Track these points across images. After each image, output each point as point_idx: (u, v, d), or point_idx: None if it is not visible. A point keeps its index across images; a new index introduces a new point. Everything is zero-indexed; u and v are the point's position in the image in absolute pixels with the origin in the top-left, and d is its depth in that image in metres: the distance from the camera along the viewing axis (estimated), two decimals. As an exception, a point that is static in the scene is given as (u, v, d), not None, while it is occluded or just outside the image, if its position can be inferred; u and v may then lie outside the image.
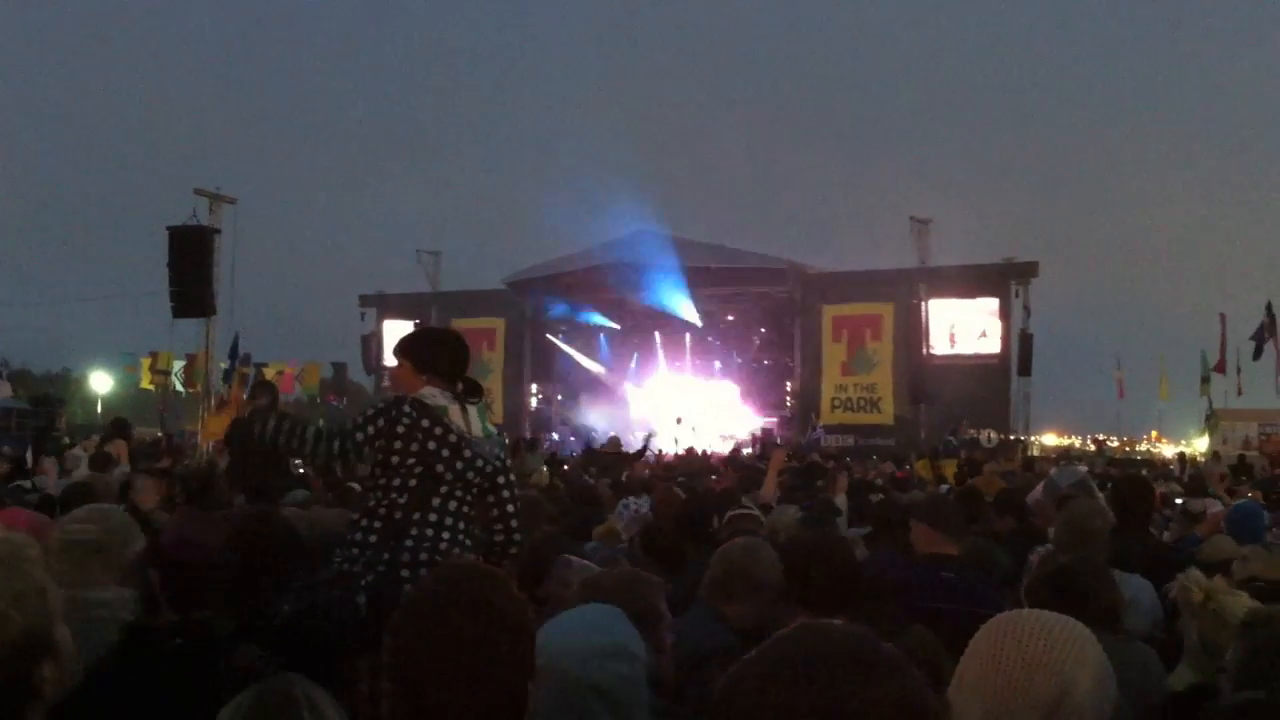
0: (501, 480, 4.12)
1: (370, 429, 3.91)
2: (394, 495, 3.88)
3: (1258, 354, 25.77)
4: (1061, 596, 3.08)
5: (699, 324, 34.54)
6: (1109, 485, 7.64)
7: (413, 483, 3.87)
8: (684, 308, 33.79)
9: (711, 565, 3.86)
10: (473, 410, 4.04)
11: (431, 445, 3.89)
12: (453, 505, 3.92)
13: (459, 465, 3.92)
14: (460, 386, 4.10)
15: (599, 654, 2.27)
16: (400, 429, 3.88)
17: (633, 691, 2.26)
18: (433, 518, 3.87)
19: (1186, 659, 3.02)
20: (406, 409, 3.91)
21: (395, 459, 3.88)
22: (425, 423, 3.90)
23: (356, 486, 8.54)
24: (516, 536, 4.16)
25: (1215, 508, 8.00)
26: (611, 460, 15.44)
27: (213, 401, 19.62)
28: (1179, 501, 9.44)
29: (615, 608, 2.57)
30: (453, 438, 3.91)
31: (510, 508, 4.15)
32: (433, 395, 3.96)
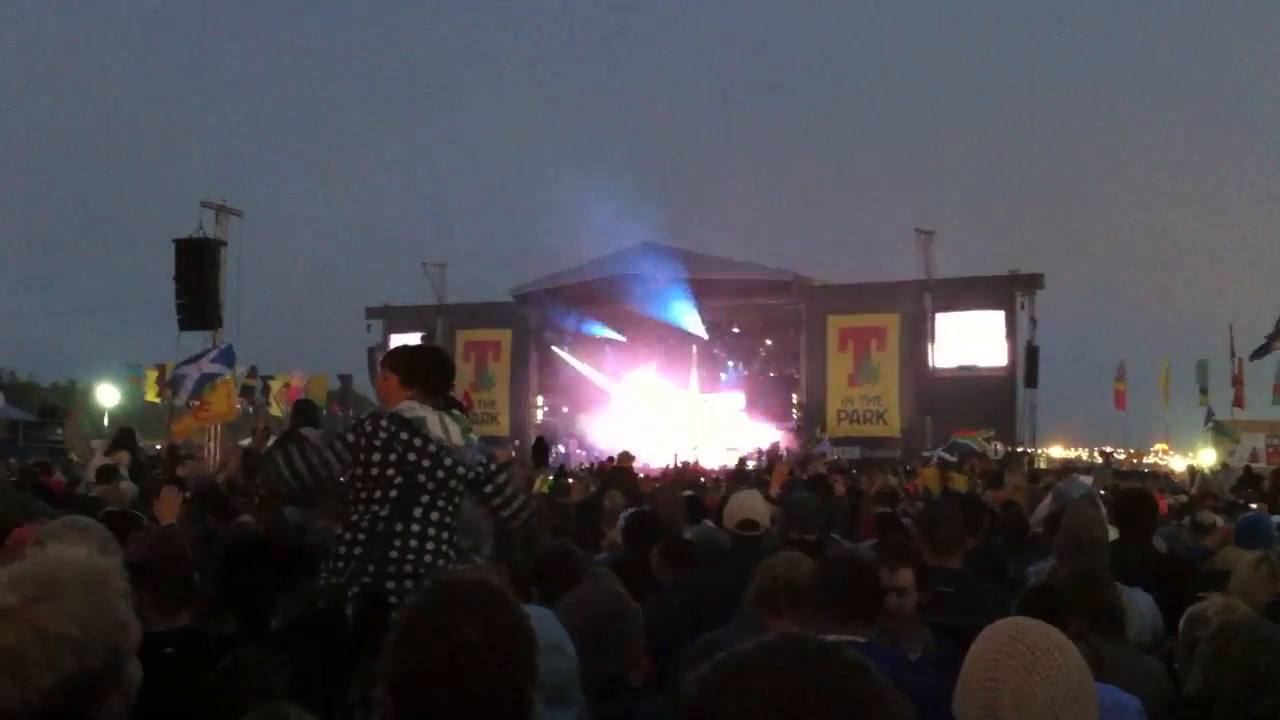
0: (489, 489, 4.14)
1: (338, 444, 3.93)
2: (375, 508, 3.89)
3: (1259, 354, 25.62)
4: (1046, 615, 3.12)
5: (704, 336, 34.57)
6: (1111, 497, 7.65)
7: (393, 493, 3.89)
8: (689, 320, 33.83)
9: (755, 577, 3.86)
10: (451, 420, 4.05)
11: (412, 456, 3.91)
12: (434, 515, 3.93)
13: (440, 474, 3.94)
14: (442, 401, 4.14)
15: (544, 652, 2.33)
16: (378, 442, 3.91)
17: (567, 685, 2.33)
18: (415, 528, 3.88)
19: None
20: (384, 423, 3.95)
21: (375, 470, 3.90)
22: (404, 435, 3.93)
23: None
24: (518, 505, 4.21)
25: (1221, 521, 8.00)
26: (617, 474, 15.37)
27: (187, 403, 19.43)
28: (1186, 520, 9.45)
29: (548, 611, 2.62)
30: (432, 447, 3.94)
31: (511, 492, 4.18)
32: (411, 408, 3.99)
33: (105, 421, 38.50)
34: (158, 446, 24.55)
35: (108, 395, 38.18)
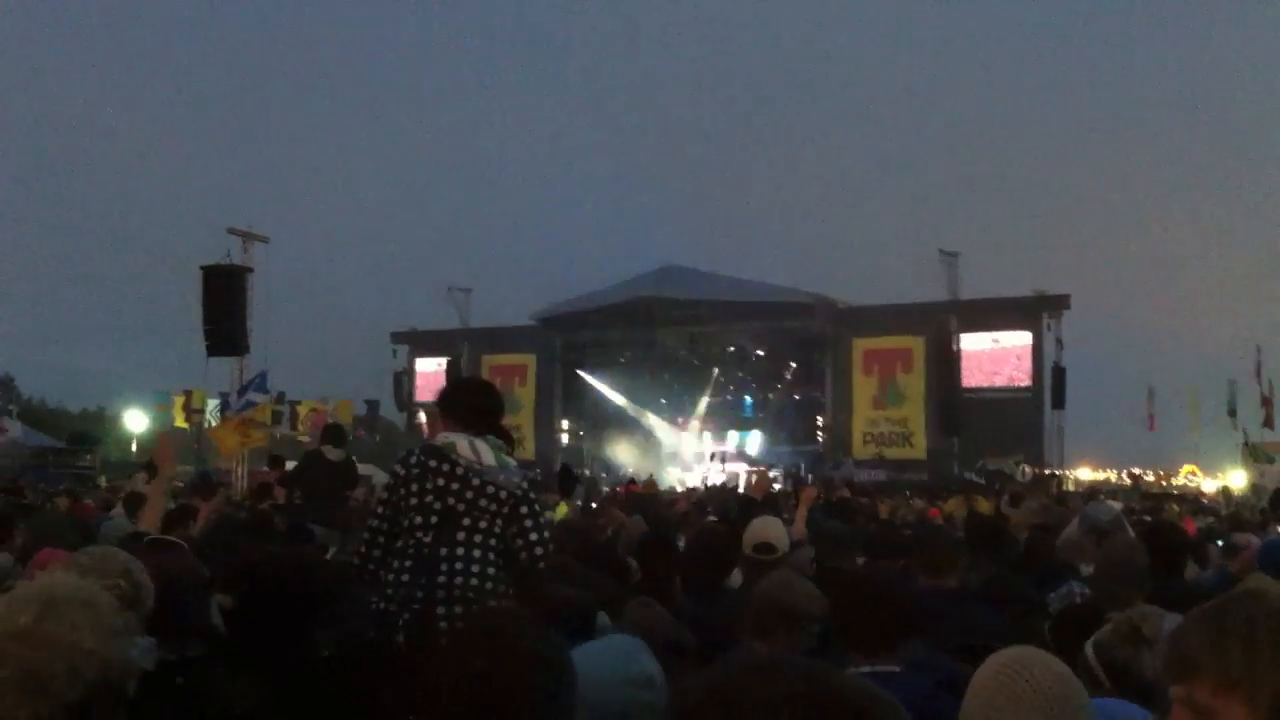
0: (524, 509, 4.13)
1: (389, 496, 4.11)
2: (419, 534, 3.98)
3: None
4: (1086, 634, 3.09)
5: (729, 358, 34.55)
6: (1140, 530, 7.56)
7: (434, 519, 3.98)
8: (714, 342, 33.82)
9: (751, 600, 3.85)
10: (483, 442, 4.09)
11: (441, 482, 4.01)
12: (478, 538, 3.99)
13: (469, 494, 4.01)
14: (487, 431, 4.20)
15: (628, 683, 2.31)
16: (414, 475, 4.04)
17: (656, 718, 2.31)
18: (460, 551, 3.95)
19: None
20: (413, 458, 4.10)
21: (414, 500, 4.01)
22: (433, 463, 4.04)
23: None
24: (537, 551, 4.16)
25: (1256, 542, 7.91)
26: (640, 499, 15.35)
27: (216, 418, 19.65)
28: (1219, 543, 9.36)
29: (638, 639, 2.60)
30: (460, 470, 4.02)
31: (531, 531, 4.14)
32: (445, 437, 4.08)
33: (134, 447, 38.77)
34: (185, 476, 24.65)
35: (136, 421, 38.48)
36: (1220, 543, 9.39)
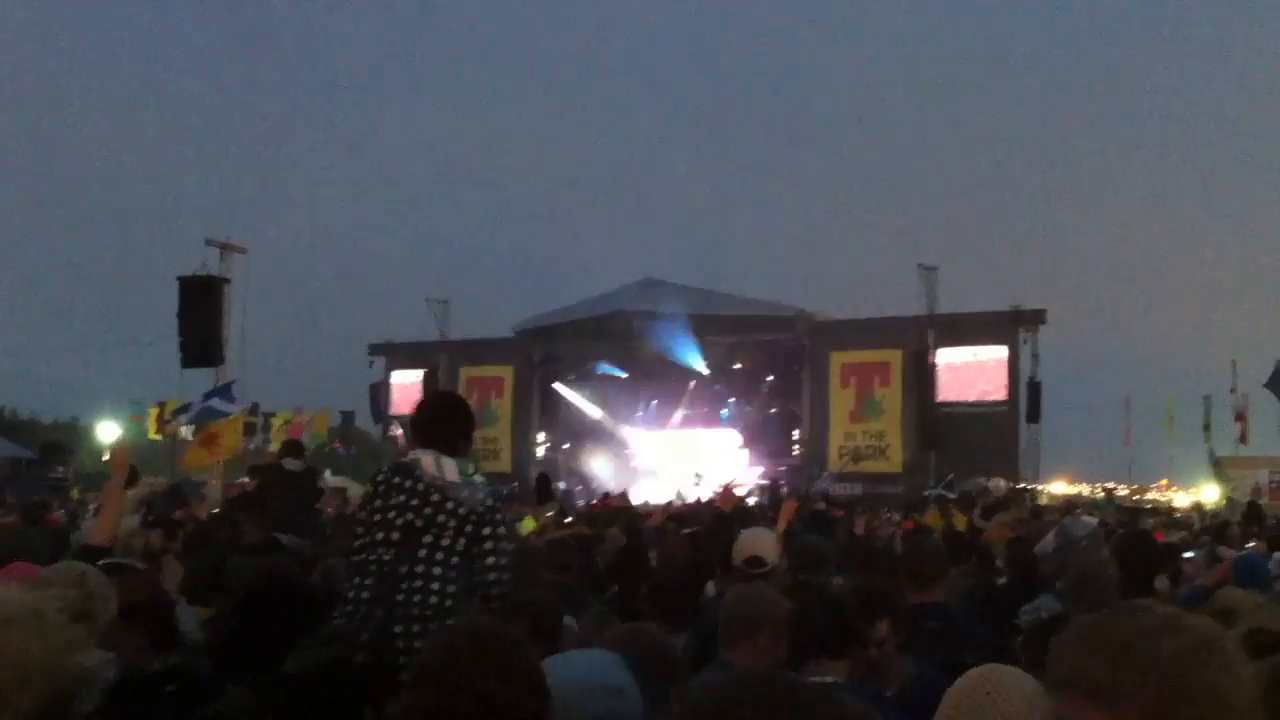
0: (486, 530, 4.09)
1: (363, 516, 4.16)
2: (380, 550, 3.98)
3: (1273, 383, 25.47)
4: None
5: (706, 372, 34.54)
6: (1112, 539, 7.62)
7: (395, 535, 3.98)
8: (691, 356, 33.83)
9: (721, 614, 3.87)
10: (448, 459, 4.10)
11: (401, 497, 4.03)
12: (439, 555, 3.97)
13: (428, 510, 4.01)
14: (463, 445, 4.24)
15: (602, 692, 2.34)
16: (380, 490, 4.09)
17: None
18: (420, 569, 3.93)
19: None
20: (383, 473, 4.17)
21: (377, 516, 4.04)
22: (397, 479, 4.08)
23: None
24: (494, 590, 4.07)
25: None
26: (617, 512, 15.33)
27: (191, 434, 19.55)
28: (1188, 555, 9.44)
29: (616, 654, 2.62)
30: (420, 485, 4.03)
31: (490, 559, 4.07)
32: (411, 454, 4.16)
33: (105, 458, 38.44)
34: (154, 485, 24.48)
35: (109, 432, 38.17)
36: (1191, 554, 9.50)
